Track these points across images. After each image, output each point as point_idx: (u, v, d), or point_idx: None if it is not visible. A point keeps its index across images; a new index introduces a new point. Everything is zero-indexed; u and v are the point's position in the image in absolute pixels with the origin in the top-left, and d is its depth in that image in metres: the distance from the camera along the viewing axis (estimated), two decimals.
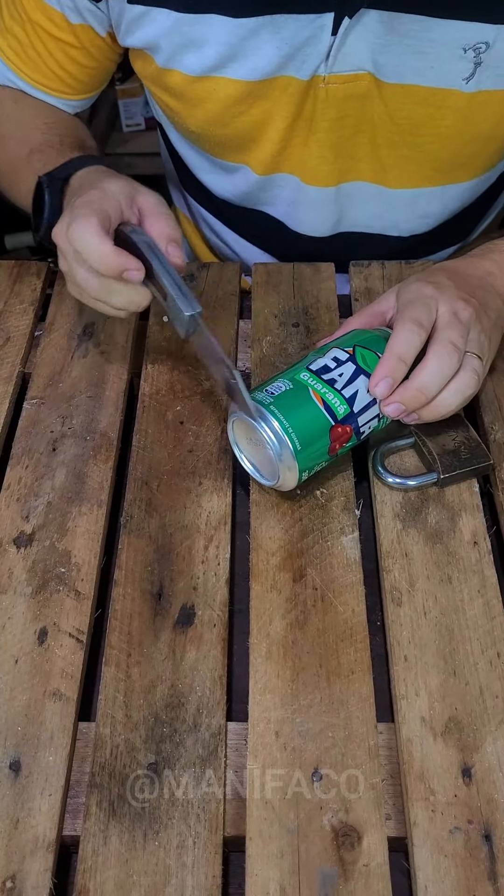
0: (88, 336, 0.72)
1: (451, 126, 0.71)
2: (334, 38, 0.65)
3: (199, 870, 0.45)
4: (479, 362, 0.58)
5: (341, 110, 0.70)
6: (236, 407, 0.57)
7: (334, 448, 0.56)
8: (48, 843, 0.46)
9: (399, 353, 0.56)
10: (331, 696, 0.50)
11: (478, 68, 0.66)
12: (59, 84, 0.78)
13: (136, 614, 0.54)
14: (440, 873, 0.44)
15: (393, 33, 0.65)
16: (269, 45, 0.66)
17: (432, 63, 0.66)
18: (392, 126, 0.71)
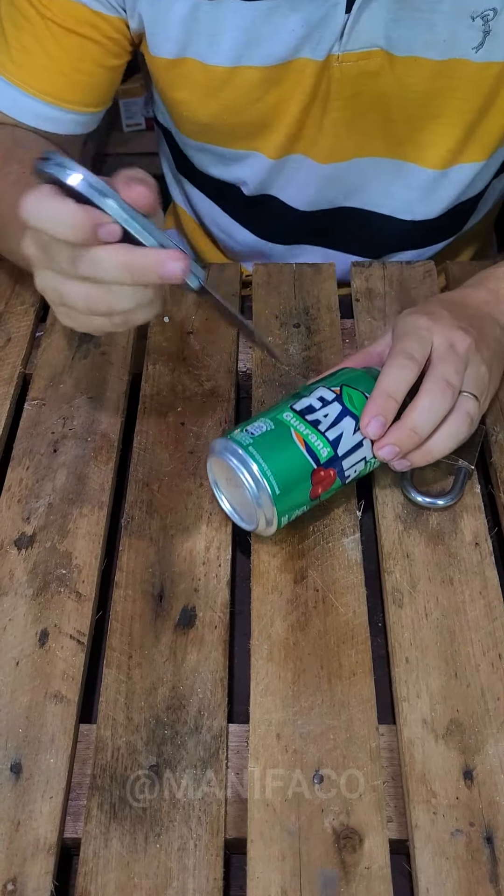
0: (89, 337, 0.72)
1: (463, 98, 0.71)
2: (348, 15, 0.65)
3: (201, 872, 0.44)
4: (475, 403, 0.56)
5: (355, 88, 0.71)
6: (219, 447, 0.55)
7: (317, 492, 0.54)
8: (49, 845, 0.46)
9: (388, 390, 0.54)
10: (332, 698, 0.50)
11: (487, 37, 0.67)
12: (71, 93, 0.74)
13: (137, 616, 0.54)
14: (442, 876, 0.44)
15: (405, 7, 0.65)
16: (285, 28, 0.66)
17: (443, 35, 0.67)
18: (405, 101, 0.72)
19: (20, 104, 0.74)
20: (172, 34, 0.70)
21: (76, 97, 0.75)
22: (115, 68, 0.76)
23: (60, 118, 0.75)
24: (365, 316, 0.74)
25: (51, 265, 0.48)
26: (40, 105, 0.74)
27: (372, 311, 0.74)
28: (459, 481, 0.59)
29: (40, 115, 0.74)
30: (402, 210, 0.83)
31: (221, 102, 0.73)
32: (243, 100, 0.72)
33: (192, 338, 0.71)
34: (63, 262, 0.47)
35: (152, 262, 0.46)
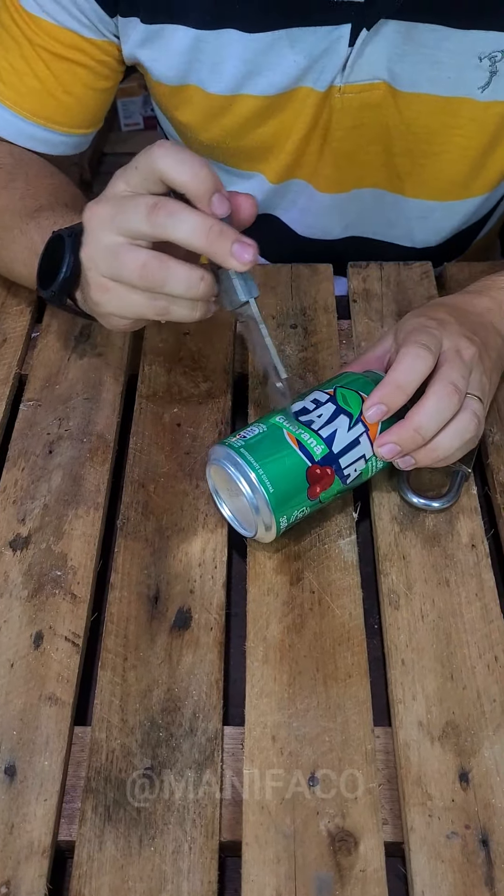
0: (85, 338, 0.72)
1: (466, 136, 0.71)
2: (351, 49, 0.65)
3: (195, 875, 0.44)
4: (480, 404, 0.56)
5: (357, 119, 0.70)
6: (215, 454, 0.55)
7: (315, 491, 0.53)
8: (43, 848, 0.45)
9: (398, 381, 0.53)
10: (328, 700, 0.50)
11: (493, 77, 0.66)
12: (62, 115, 0.73)
13: (133, 618, 0.54)
14: (437, 878, 0.44)
15: (410, 43, 0.64)
16: (287, 59, 0.66)
17: (448, 73, 0.66)
18: (408, 134, 0.71)
19: (12, 125, 0.74)
20: (174, 63, 0.69)
21: (67, 119, 0.74)
22: (105, 90, 0.75)
23: (52, 140, 0.75)
24: (362, 317, 0.74)
25: (118, 224, 0.50)
26: (31, 127, 0.73)
27: (369, 312, 0.74)
28: (456, 484, 0.59)
29: (32, 137, 0.74)
30: (402, 238, 0.83)
31: (223, 127, 0.73)
32: (244, 126, 0.72)
33: (189, 339, 0.71)
34: (135, 219, 0.49)
35: (230, 235, 0.48)
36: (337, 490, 0.55)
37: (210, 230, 0.48)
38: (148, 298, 0.51)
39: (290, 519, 0.54)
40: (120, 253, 0.50)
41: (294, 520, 0.55)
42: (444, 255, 0.86)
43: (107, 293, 0.53)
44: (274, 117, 0.71)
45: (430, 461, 0.55)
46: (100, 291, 0.53)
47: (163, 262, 0.50)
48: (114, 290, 0.52)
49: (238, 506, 0.56)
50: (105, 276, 0.52)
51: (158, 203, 0.49)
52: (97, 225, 0.52)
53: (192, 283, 0.50)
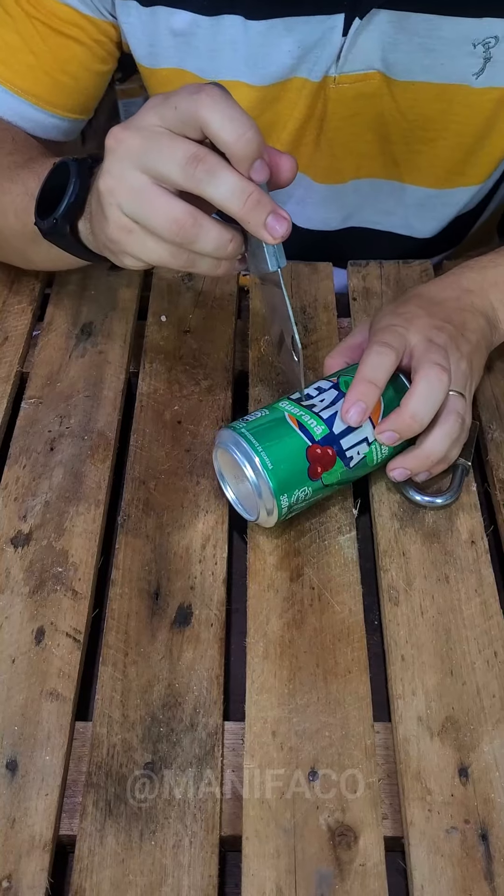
0: (86, 336, 0.72)
1: (462, 122, 0.71)
2: (345, 38, 0.65)
3: (196, 869, 0.45)
4: (462, 401, 0.56)
5: (352, 109, 0.70)
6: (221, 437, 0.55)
7: (316, 471, 0.54)
8: (45, 842, 0.46)
9: (367, 376, 0.53)
10: (328, 696, 0.50)
11: (487, 63, 0.66)
12: (55, 95, 0.72)
13: (134, 614, 0.54)
14: (436, 873, 0.44)
15: (403, 32, 0.65)
16: (281, 49, 0.66)
17: (442, 60, 0.66)
18: (404, 122, 0.71)
19: (3, 102, 0.72)
20: (169, 44, 0.69)
21: (60, 100, 0.73)
22: (101, 73, 0.74)
23: (42, 120, 0.74)
24: (362, 315, 0.74)
25: (148, 162, 0.47)
26: (23, 104, 0.72)
27: (369, 310, 0.74)
28: (457, 479, 0.59)
29: (23, 115, 0.73)
30: (400, 227, 0.83)
31: None
32: None
33: (190, 336, 0.72)
34: (170, 164, 0.46)
35: (267, 206, 0.47)
36: (340, 472, 0.55)
37: (249, 197, 0.46)
38: (173, 249, 0.49)
39: (292, 499, 0.54)
40: (150, 197, 0.47)
41: (296, 501, 0.54)
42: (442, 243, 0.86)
43: (129, 235, 0.49)
44: (268, 109, 0.71)
45: (425, 467, 0.56)
46: (121, 231, 0.49)
47: (197, 219, 0.47)
48: (137, 234, 0.49)
49: (242, 488, 0.56)
50: (128, 216, 0.49)
51: (198, 155, 0.46)
52: (124, 155, 0.48)
53: (221, 244, 0.48)
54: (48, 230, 0.57)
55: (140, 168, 0.47)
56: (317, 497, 0.56)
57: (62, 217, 0.55)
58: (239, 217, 0.47)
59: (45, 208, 0.57)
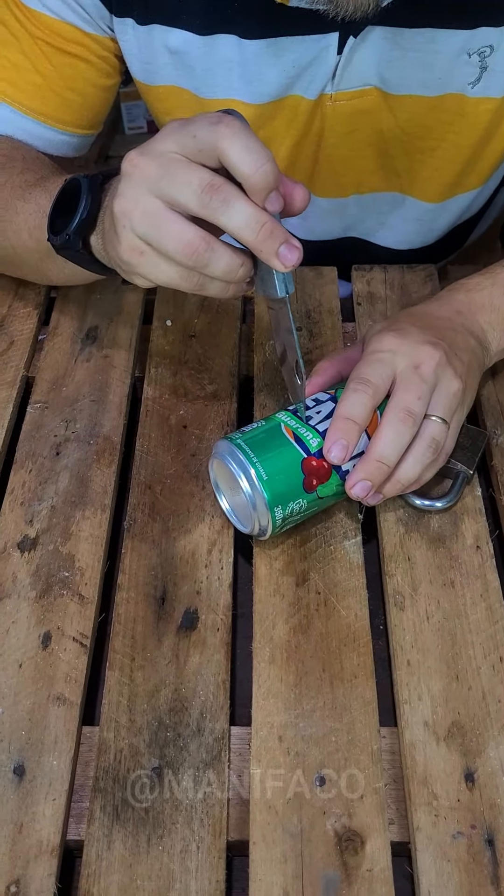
0: (92, 340, 0.72)
1: (459, 132, 0.71)
2: (340, 57, 0.65)
3: (203, 874, 0.45)
4: (440, 427, 0.55)
5: (350, 125, 0.70)
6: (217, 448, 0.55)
7: (311, 483, 0.54)
8: (52, 847, 0.46)
9: (345, 414, 0.53)
10: (334, 701, 0.51)
11: (483, 73, 0.66)
12: (64, 112, 0.72)
13: (140, 618, 0.54)
14: (443, 878, 0.44)
15: (398, 48, 0.65)
16: (275, 69, 0.66)
17: (438, 72, 0.66)
18: (402, 136, 0.71)
19: (13, 122, 0.72)
20: (165, 62, 0.69)
21: (68, 117, 0.74)
22: (107, 88, 0.75)
23: (52, 138, 0.74)
24: (366, 319, 0.74)
25: (163, 188, 0.47)
26: (33, 124, 0.73)
27: (373, 314, 0.74)
28: (457, 484, 0.59)
29: (32, 133, 0.73)
30: (400, 242, 0.83)
31: None
32: None
33: (195, 341, 0.72)
34: (185, 191, 0.47)
35: (280, 236, 0.47)
36: (335, 485, 0.55)
37: (262, 228, 0.47)
38: (183, 272, 0.49)
39: (286, 512, 0.54)
40: (162, 221, 0.48)
41: (291, 514, 0.54)
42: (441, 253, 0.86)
43: (141, 256, 0.50)
44: (265, 126, 0.71)
45: (398, 491, 0.55)
46: (132, 253, 0.50)
47: (209, 243, 0.47)
48: (148, 256, 0.49)
49: (237, 500, 0.56)
50: (140, 238, 0.49)
51: (214, 184, 0.46)
52: (139, 179, 0.48)
53: (232, 268, 0.48)
54: (61, 246, 0.58)
55: (155, 193, 0.48)
56: (312, 510, 0.56)
57: (74, 233, 0.56)
58: (252, 246, 0.48)
59: (58, 225, 0.58)
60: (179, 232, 0.47)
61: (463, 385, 0.57)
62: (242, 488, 0.53)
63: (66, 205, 0.57)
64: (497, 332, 0.63)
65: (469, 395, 0.59)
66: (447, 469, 0.60)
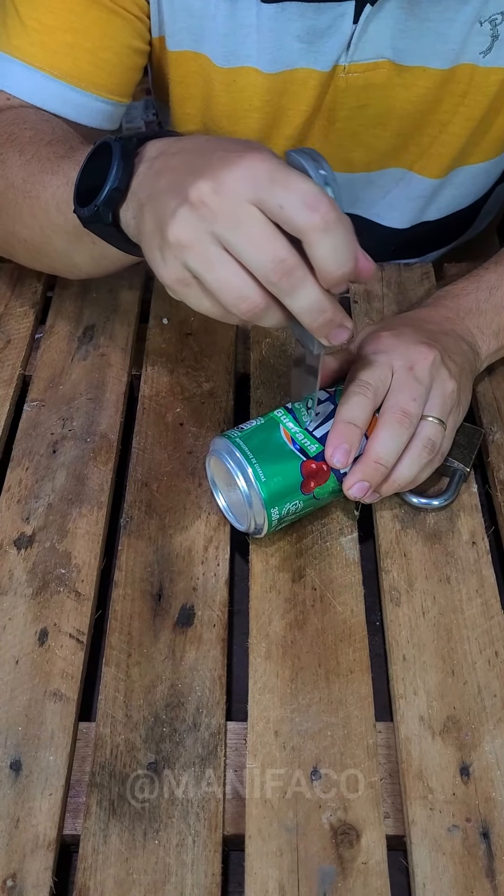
0: (88, 338, 0.72)
1: (469, 104, 0.71)
2: (355, 26, 0.65)
3: (199, 868, 0.45)
4: (437, 427, 0.55)
5: (361, 99, 0.70)
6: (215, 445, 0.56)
7: (309, 486, 0.54)
8: (48, 842, 0.46)
9: (346, 418, 0.53)
10: (330, 696, 0.51)
11: (495, 42, 0.67)
12: (97, 74, 0.68)
13: (136, 615, 0.55)
14: (438, 871, 0.44)
15: (414, 18, 0.65)
16: (290, 33, 0.66)
17: (452, 44, 0.67)
18: (413, 109, 0.72)
19: (44, 89, 0.67)
20: (182, 26, 0.68)
21: (103, 79, 0.69)
22: (140, 52, 0.71)
23: (87, 105, 0.69)
24: (363, 318, 0.74)
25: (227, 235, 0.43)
26: (64, 88, 0.67)
27: (370, 312, 0.75)
28: (454, 482, 0.60)
29: (65, 100, 0.68)
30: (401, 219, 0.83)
31: (222, 107, 0.73)
32: (243, 105, 0.72)
33: (191, 339, 0.72)
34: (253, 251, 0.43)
35: (337, 321, 0.45)
36: (332, 487, 0.55)
37: (323, 315, 0.44)
38: (225, 314, 0.46)
39: (283, 512, 0.54)
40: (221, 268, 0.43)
41: (287, 514, 0.55)
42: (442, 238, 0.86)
43: (187, 288, 0.46)
44: (273, 100, 0.70)
45: (393, 491, 0.56)
46: (178, 283, 0.46)
47: (267, 305, 0.44)
48: (194, 288, 0.45)
49: (233, 497, 0.56)
50: (190, 272, 0.45)
51: (288, 266, 0.42)
52: (206, 218, 0.43)
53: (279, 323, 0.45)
54: (89, 218, 0.52)
55: (220, 239, 0.43)
56: (308, 509, 0.56)
57: (104, 204, 0.50)
58: (307, 326, 0.45)
59: (86, 197, 0.52)
60: (239, 288, 0.43)
61: (457, 385, 0.57)
62: (239, 487, 0.53)
63: (95, 172, 0.51)
64: (486, 335, 0.64)
65: (464, 396, 0.59)
66: (444, 467, 0.60)
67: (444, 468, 0.60)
